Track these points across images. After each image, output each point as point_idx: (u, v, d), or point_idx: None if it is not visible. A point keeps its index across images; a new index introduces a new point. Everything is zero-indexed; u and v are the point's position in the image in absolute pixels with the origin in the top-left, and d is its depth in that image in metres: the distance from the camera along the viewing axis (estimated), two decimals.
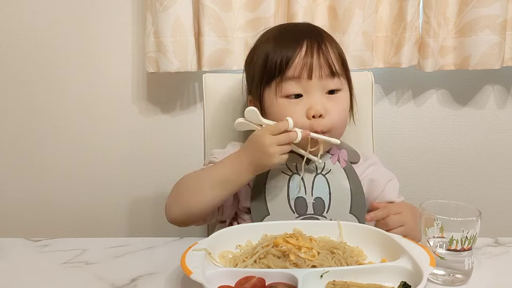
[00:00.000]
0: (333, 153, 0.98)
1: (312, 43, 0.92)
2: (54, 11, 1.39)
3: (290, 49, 0.91)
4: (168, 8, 1.26)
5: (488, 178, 1.51)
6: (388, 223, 0.85)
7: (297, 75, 0.90)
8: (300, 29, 0.98)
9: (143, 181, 1.50)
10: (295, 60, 0.90)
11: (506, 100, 1.47)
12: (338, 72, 0.93)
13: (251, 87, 1.00)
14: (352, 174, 0.97)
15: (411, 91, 1.47)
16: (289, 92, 0.91)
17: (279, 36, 0.96)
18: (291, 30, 0.99)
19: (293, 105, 0.91)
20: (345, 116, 0.96)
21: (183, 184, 0.91)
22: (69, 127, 1.46)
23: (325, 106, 0.91)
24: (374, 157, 1.06)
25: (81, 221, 1.52)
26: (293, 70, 0.90)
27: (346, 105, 0.97)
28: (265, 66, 0.93)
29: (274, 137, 0.84)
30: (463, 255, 0.72)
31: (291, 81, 0.91)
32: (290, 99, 0.92)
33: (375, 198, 0.98)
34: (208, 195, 0.87)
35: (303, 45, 0.91)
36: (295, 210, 0.92)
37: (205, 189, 0.88)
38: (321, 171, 0.96)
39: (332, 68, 0.92)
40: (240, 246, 0.79)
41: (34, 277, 0.76)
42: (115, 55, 1.42)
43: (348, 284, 0.66)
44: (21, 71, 1.43)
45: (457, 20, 1.33)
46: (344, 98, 0.96)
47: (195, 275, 0.64)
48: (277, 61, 0.91)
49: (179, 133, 1.47)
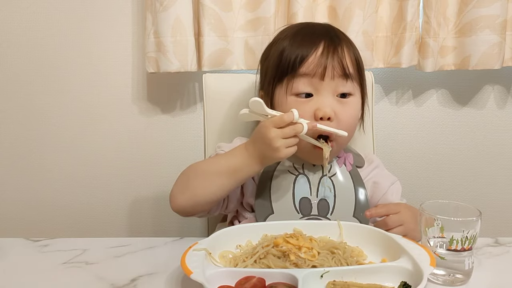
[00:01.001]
0: (340, 156, 0.98)
1: (330, 44, 0.91)
2: (54, 11, 1.39)
3: (306, 47, 0.90)
4: (168, 8, 1.26)
5: (488, 178, 1.51)
6: (387, 222, 0.85)
7: (310, 72, 0.89)
8: (319, 30, 0.96)
9: (143, 181, 1.50)
10: (309, 59, 0.89)
11: (506, 100, 1.47)
12: (352, 75, 0.91)
13: (263, 83, 0.99)
14: (357, 178, 0.97)
15: (411, 91, 1.47)
16: (299, 90, 0.90)
17: (296, 34, 0.95)
18: (310, 29, 0.97)
19: (302, 104, 0.90)
20: (354, 123, 0.95)
21: (191, 172, 0.90)
22: (69, 127, 1.46)
23: (334, 109, 0.89)
24: (377, 160, 1.06)
25: (81, 221, 1.52)
26: (306, 67, 0.89)
27: (356, 111, 0.95)
28: (279, 62, 0.92)
29: (279, 130, 0.81)
30: (463, 255, 0.72)
31: (303, 79, 0.90)
32: (300, 98, 0.91)
33: (377, 200, 0.98)
34: (216, 183, 0.86)
35: (320, 45, 0.90)
36: (300, 210, 0.92)
37: (213, 176, 0.87)
38: (327, 173, 0.96)
39: (345, 70, 0.90)
40: (240, 246, 0.79)
41: (34, 277, 0.76)
42: (115, 55, 1.42)
43: (348, 284, 0.66)
44: (21, 71, 1.43)
45: (457, 20, 1.33)
46: (355, 104, 0.94)
47: (195, 275, 0.64)
48: (292, 58, 0.90)
49: (179, 133, 1.47)
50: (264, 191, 0.93)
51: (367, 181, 0.99)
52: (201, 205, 0.89)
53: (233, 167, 0.86)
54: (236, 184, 0.88)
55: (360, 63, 0.95)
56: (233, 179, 0.87)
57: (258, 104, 0.83)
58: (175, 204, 0.89)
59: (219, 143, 1.03)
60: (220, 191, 0.88)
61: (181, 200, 0.88)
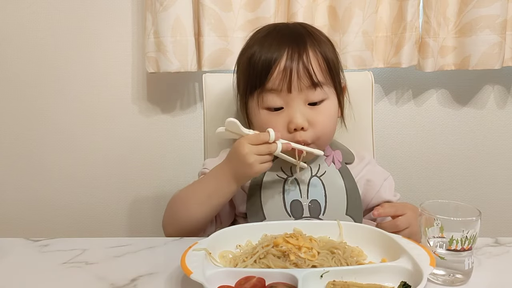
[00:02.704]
0: (328, 154, 0.98)
1: (293, 51, 0.88)
2: (54, 11, 1.39)
3: (269, 59, 0.88)
4: (168, 8, 1.26)
5: (488, 178, 1.51)
6: (398, 224, 0.84)
7: (276, 88, 0.88)
8: (284, 34, 0.92)
9: (143, 181, 1.50)
10: (274, 73, 0.88)
11: (506, 100, 1.47)
12: (321, 82, 0.89)
13: (238, 89, 0.99)
14: (347, 175, 0.96)
15: (411, 91, 1.47)
16: (269, 105, 0.90)
17: (262, 42, 0.92)
18: (274, 36, 0.92)
19: (274, 117, 0.90)
20: (331, 125, 0.94)
21: (175, 203, 0.92)
22: (69, 127, 1.46)
23: (307, 117, 0.89)
24: (368, 156, 1.04)
25: (81, 221, 1.52)
26: (272, 83, 0.88)
27: (332, 113, 0.93)
28: (247, 75, 0.92)
29: (254, 147, 0.82)
30: (463, 255, 0.71)
31: (271, 94, 0.89)
32: (271, 111, 0.90)
33: (371, 198, 0.98)
34: (196, 211, 0.88)
35: (283, 55, 0.88)
36: (291, 214, 0.91)
37: (194, 205, 0.88)
38: (316, 173, 0.95)
39: (313, 79, 0.88)
40: (240, 246, 0.79)
41: (34, 277, 0.76)
42: (115, 55, 1.42)
43: (348, 284, 0.66)
44: (21, 71, 1.43)
45: (457, 20, 1.33)
46: (329, 107, 0.92)
47: (195, 275, 0.64)
48: (257, 71, 0.89)
49: (179, 133, 1.47)
50: (254, 198, 0.93)
51: (359, 179, 0.98)
52: (191, 232, 0.90)
53: (210, 192, 0.87)
54: (217, 208, 0.90)
55: (330, 62, 0.91)
56: (211, 204, 0.88)
57: (233, 124, 0.84)
58: (168, 235, 0.91)
59: (205, 160, 1.03)
60: (202, 218, 0.89)
61: (172, 231, 0.91)
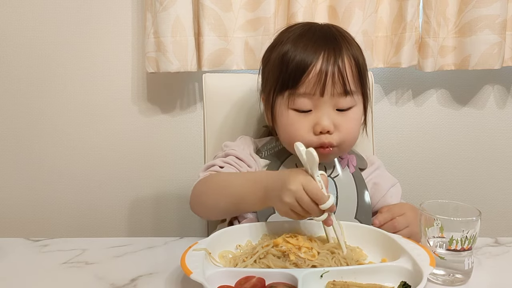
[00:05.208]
0: (343, 158, 0.98)
1: (329, 55, 0.88)
2: (54, 11, 1.39)
3: (305, 61, 0.88)
4: (168, 8, 1.26)
5: (488, 178, 1.51)
6: (396, 226, 0.85)
7: (309, 92, 0.88)
8: (319, 37, 0.91)
9: (143, 181, 1.50)
10: (309, 76, 0.87)
11: (506, 100, 1.47)
12: (352, 91, 0.89)
13: (264, 88, 0.98)
14: (359, 180, 0.97)
15: (411, 91, 1.47)
16: (300, 107, 0.90)
17: (296, 41, 0.91)
18: (310, 37, 0.91)
19: (301, 119, 0.90)
20: (355, 130, 0.94)
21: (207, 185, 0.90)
22: (69, 127, 1.46)
23: (334, 121, 0.89)
24: (378, 161, 1.05)
25: (81, 221, 1.52)
26: (306, 87, 0.88)
27: (357, 120, 0.94)
28: (279, 73, 0.91)
29: (303, 193, 0.72)
30: (463, 255, 0.71)
31: (303, 97, 0.89)
32: (299, 112, 0.90)
33: (377, 201, 0.98)
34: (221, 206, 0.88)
35: (319, 58, 0.87)
36: None
37: (222, 198, 0.87)
38: (330, 174, 0.95)
39: (346, 87, 0.88)
40: (240, 246, 0.79)
41: (34, 277, 0.76)
42: (115, 55, 1.42)
43: (348, 284, 0.66)
44: (21, 71, 1.42)
45: (457, 20, 1.33)
46: (356, 114, 0.92)
47: (195, 275, 0.64)
48: (290, 72, 0.89)
49: (179, 133, 1.47)
50: None
51: (367, 182, 0.98)
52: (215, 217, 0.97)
53: (238, 197, 0.84)
54: (237, 213, 0.92)
55: (362, 69, 0.92)
56: (237, 209, 0.90)
57: (313, 160, 0.72)
58: (193, 211, 0.93)
59: (226, 142, 1.01)
60: (224, 214, 0.94)
61: (197, 212, 0.93)
